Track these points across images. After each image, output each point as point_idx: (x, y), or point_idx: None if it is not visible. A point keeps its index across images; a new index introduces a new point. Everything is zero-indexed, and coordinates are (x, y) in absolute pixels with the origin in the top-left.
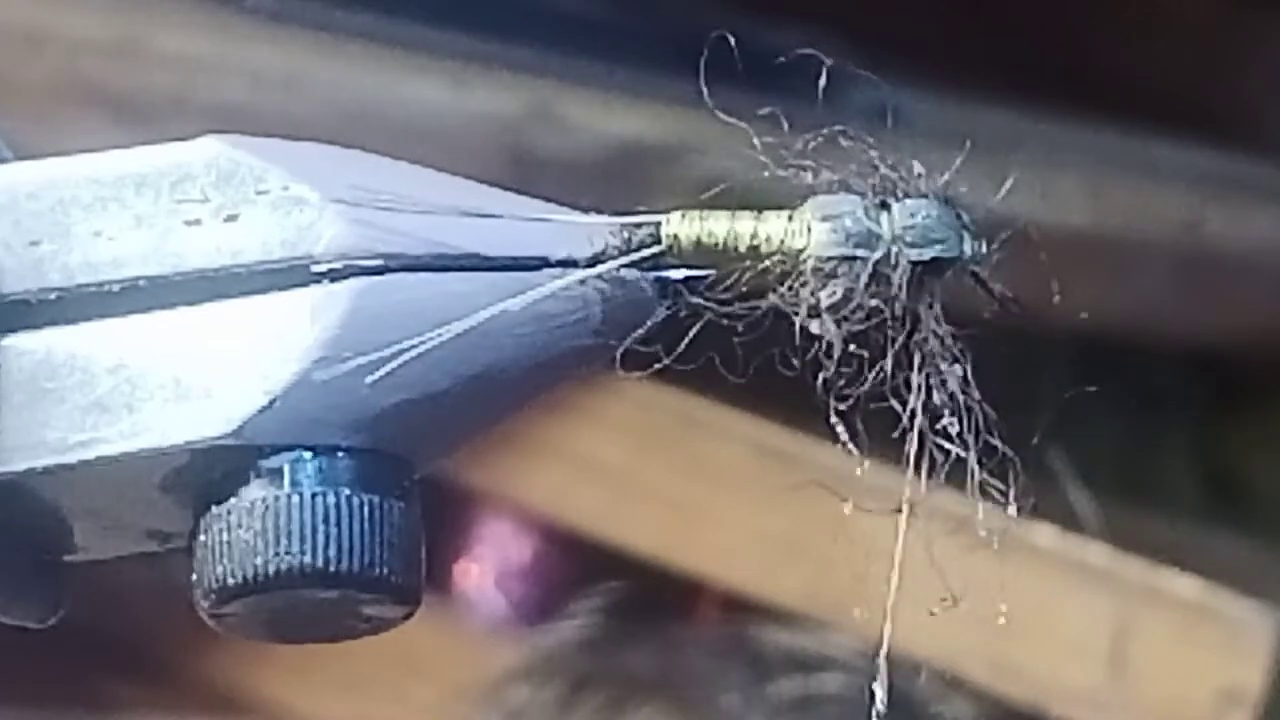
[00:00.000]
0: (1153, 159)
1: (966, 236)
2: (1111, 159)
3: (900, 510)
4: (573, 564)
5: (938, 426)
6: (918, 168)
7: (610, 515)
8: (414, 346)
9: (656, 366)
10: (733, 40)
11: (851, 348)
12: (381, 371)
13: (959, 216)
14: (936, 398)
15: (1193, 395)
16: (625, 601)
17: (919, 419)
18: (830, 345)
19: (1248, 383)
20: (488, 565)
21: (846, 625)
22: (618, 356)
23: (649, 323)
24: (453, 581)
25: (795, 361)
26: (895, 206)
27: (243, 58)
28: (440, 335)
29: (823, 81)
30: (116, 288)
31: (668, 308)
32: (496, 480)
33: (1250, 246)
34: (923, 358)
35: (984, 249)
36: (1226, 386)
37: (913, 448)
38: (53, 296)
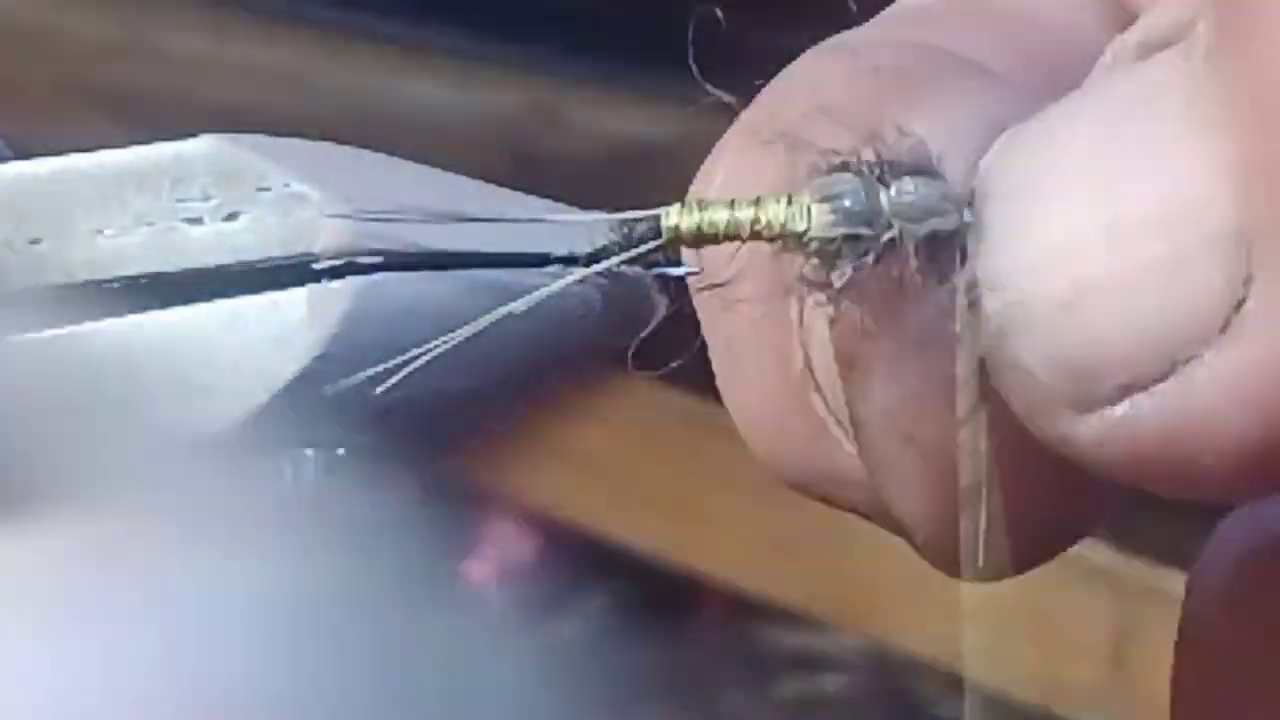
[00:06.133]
0: None
1: (967, 207)
2: None
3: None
4: (574, 564)
5: None
6: (916, 139)
7: (611, 515)
8: (421, 353)
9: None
10: (732, 40)
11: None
12: (387, 375)
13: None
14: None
15: None
16: (625, 601)
17: None
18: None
19: None
20: (490, 564)
21: (846, 625)
22: (624, 355)
23: (653, 321)
24: None
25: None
26: (895, 182)
27: (243, 58)
28: (446, 341)
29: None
30: (117, 286)
31: (670, 302)
32: (497, 480)
33: None
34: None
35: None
36: None
37: None
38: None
